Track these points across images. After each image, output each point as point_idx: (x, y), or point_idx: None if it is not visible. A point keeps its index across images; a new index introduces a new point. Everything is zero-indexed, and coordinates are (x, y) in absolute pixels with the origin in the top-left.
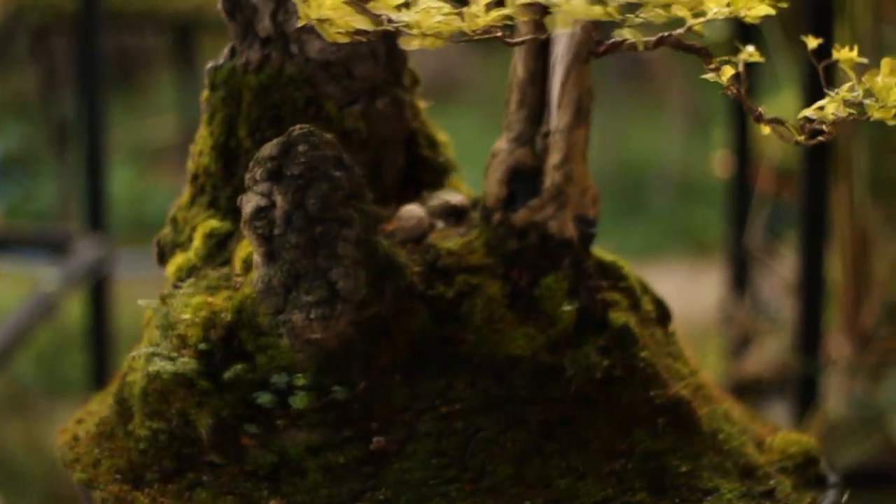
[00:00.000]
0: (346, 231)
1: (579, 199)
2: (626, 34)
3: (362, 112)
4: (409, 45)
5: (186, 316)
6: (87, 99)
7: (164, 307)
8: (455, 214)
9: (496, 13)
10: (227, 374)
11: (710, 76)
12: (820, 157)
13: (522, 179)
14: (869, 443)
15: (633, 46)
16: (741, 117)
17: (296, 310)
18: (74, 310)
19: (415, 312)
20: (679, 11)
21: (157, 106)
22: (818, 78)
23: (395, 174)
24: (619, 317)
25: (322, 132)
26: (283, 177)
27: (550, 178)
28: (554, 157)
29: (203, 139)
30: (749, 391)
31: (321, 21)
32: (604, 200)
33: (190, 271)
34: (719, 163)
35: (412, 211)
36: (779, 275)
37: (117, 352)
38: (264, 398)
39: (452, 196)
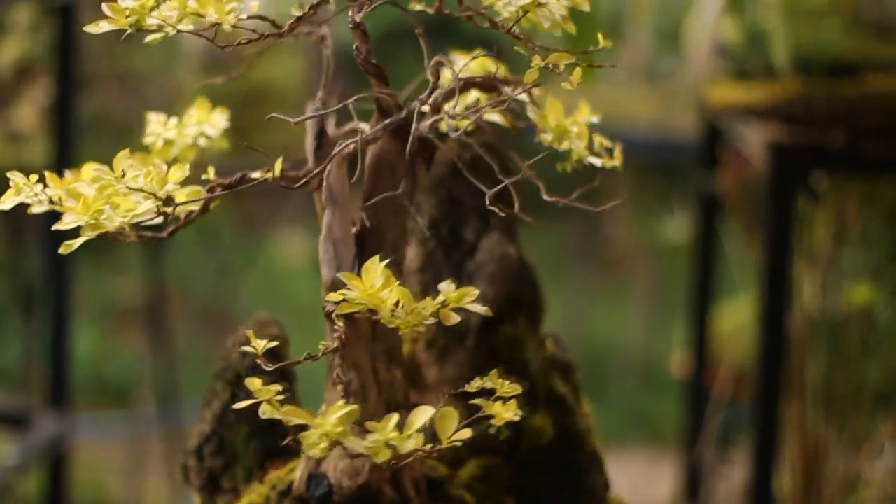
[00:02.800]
0: None
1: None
2: None
3: None
4: None
5: None
6: (54, 259)
7: None
8: None
9: None
10: None
11: None
12: (774, 367)
13: None
14: None
15: None
16: (701, 315)
17: None
18: (32, 482)
19: None
20: None
21: (123, 265)
22: (775, 286)
23: None
24: None
25: None
26: None
27: None
28: None
29: None
30: None
31: None
32: None
33: None
34: (678, 364)
35: None
36: (731, 482)
37: None
38: None
39: None
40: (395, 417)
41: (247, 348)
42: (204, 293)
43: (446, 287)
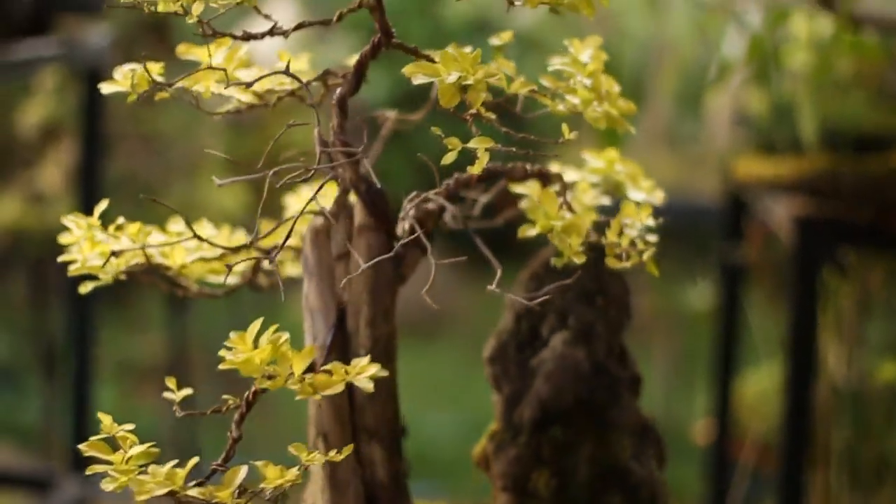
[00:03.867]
0: None
1: None
2: None
3: None
4: None
5: None
6: (77, 322)
7: None
8: None
9: None
10: None
11: None
12: (799, 437)
13: None
14: None
15: None
16: (724, 382)
17: None
18: None
19: None
20: None
21: (144, 323)
22: (801, 358)
23: None
24: None
25: None
26: None
27: None
28: None
29: None
30: None
31: None
32: None
33: None
34: (701, 431)
35: None
36: None
37: None
38: None
39: None
40: None
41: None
42: None
43: (356, 361)
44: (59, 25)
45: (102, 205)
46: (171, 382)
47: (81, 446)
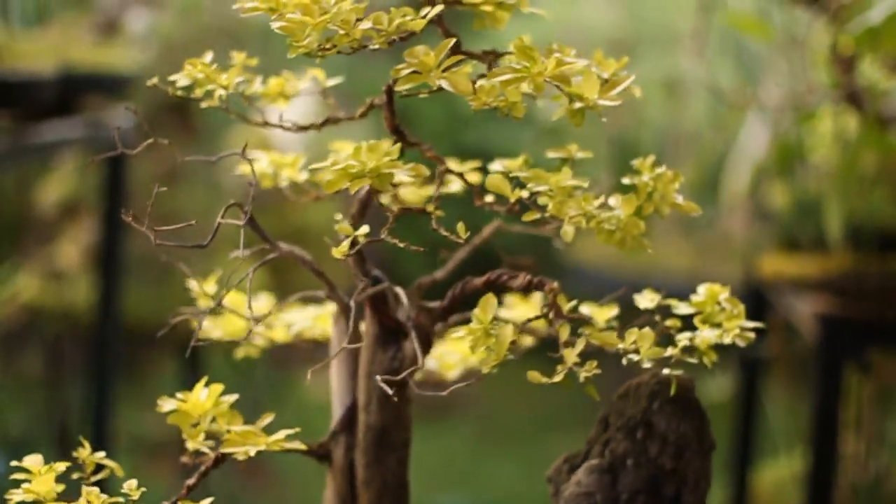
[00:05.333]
0: None
1: None
2: None
3: None
4: None
5: None
6: (92, 394)
7: None
8: None
9: None
10: None
11: None
12: None
13: None
14: None
15: None
16: (742, 473)
17: None
18: None
19: None
20: None
21: (156, 399)
22: (822, 454)
23: None
24: None
25: None
26: None
27: None
28: None
29: None
30: None
31: None
32: None
33: None
34: None
35: None
36: None
37: None
38: None
39: None
40: None
41: None
42: None
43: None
44: (84, 106)
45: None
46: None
47: None
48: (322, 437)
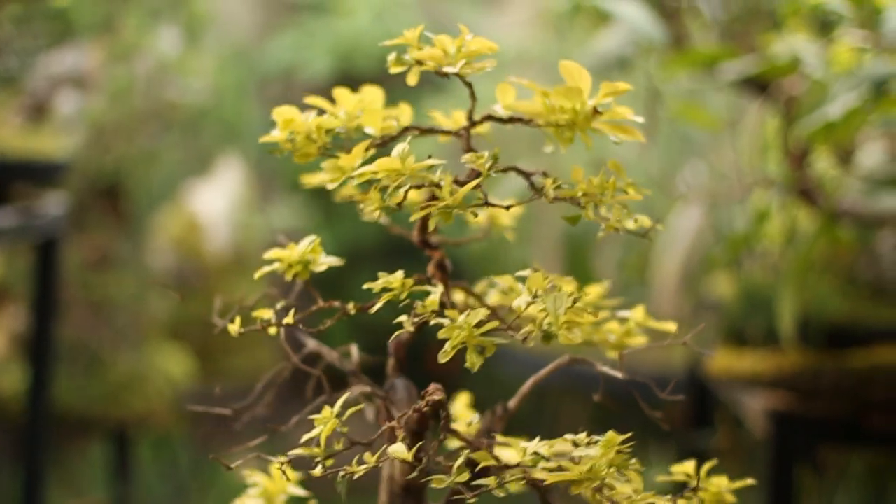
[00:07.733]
0: None
1: None
2: None
3: None
4: None
5: None
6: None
7: None
8: None
9: None
10: None
11: None
12: None
13: None
14: None
15: None
16: None
17: None
18: None
19: None
20: None
21: (83, 487)
22: None
23: None
24: None
25: None
26: None
27: None
28: None
29: None
30: None
31: None
32: None
33: None
34: None
35: None
36: None
37: None
38: None
39: None
40: None
41: None
42: None
43: None
44: (13, 194)
45: None
46: None
47: None
48: None
